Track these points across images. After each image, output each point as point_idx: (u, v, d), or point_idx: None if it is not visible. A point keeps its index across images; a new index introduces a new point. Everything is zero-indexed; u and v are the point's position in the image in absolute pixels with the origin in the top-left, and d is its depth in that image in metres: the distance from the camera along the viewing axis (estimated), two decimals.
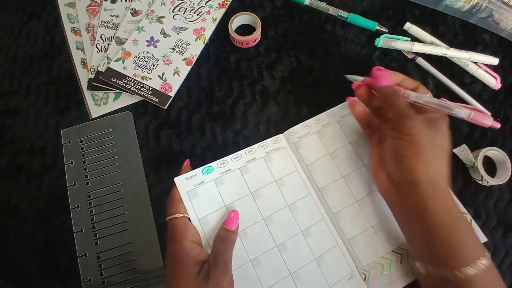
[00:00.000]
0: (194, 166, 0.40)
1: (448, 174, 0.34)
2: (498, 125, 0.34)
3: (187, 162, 0.41)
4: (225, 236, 0.35)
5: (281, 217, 0.39)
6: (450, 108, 0.34)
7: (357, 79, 0.43)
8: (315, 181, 0.41)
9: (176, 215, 0.35)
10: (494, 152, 0.43)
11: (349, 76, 0.45)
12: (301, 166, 0.42)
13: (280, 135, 0.43)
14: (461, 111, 0.34)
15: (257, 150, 0.42)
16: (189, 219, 0.37)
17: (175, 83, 0.47)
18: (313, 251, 0.38)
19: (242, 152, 0.41)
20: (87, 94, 0.48)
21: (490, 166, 0.44)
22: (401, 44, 0.48)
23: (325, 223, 0.39)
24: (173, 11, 0.51)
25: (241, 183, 0.40)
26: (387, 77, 0.37)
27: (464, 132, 0.46)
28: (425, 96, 0.36)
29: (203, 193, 0.39)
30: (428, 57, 0.48)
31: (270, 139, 0.43)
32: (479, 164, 0.42)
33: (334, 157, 0.42)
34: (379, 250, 0.38)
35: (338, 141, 0.43)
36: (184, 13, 0.51)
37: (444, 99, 0.36)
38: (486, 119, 0.33)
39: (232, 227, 0.36)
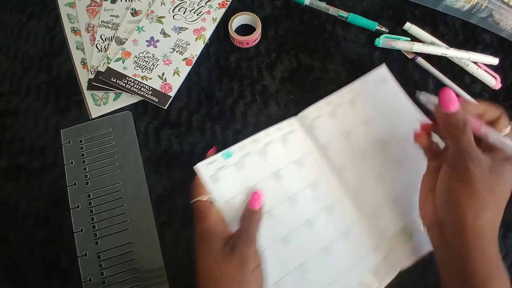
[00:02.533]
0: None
1: (498, 223, 0.32)
2: None
3: (213, 149, 0.41)
4: (248, 215, 0.36)
5: (303, 196, 0.40)
6: None
7: (432, 101, 0.35)
8: (332, 160, 0.42)
9: (198, 199, 0.37)
10: None
11: (421, 97, 0.36)
12: (315, 147, 0.43)
13: (293, 118, 0.44)
14: None
15: (274, 132, 0.43)
16: (212, 202, 0.38)
17: (175, 83, 0.47)
18: (338, 227, 0.39)
19: (260, 135, 0.42)
20: (87, 94, 0.48)
21: None
22: (401, 44, 0.48)
23: (345, 200, 0.40)
24: (173, 11, 0.51)
25: (261, 165, 0.41)
26: (453, 103, 0.31)
27: None
28: (499, 136, 0.31)
29: (225, 177, 0.39)
30: (428, 57, 0.48)
31: (284, 122, 0.44)
32: None
33: (348, 136, 0.43)
34: (400, 220, 0.40)
35: (349, 121, 0.44)
36: (184, 13, 0.51)
37: None
38: None
39: (256, 207, 0.37)
